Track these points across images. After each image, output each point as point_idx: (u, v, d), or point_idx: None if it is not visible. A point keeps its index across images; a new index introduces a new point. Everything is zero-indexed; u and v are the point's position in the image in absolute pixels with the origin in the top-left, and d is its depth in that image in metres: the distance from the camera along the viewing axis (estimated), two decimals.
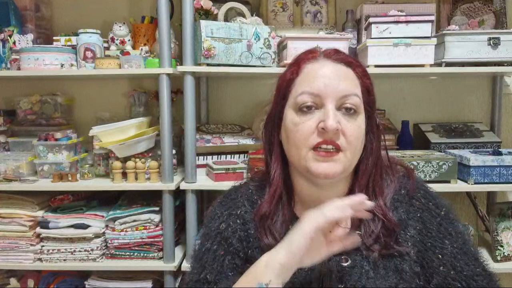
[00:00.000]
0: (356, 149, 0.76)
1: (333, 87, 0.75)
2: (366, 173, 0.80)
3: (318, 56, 0.80)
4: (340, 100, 0.75)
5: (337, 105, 0.75)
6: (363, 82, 0.80)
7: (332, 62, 0.78)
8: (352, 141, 0.75)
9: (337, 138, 0.74)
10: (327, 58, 0.79)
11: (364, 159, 0.80)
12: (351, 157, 0.76)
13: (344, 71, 0.78)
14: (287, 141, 0.79)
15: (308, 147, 0.75)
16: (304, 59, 0.80)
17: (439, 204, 0.83)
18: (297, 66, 0.80)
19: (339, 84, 0.75)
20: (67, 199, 1.71)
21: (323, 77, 0.76)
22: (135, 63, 1.62)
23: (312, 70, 0.78)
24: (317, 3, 1.91)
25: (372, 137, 0.81)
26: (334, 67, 0.78)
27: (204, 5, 1.64)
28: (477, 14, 1.88)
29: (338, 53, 0.80)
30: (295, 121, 0.77)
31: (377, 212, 0.79)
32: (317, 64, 0.78)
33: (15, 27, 1.76)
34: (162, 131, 1.59)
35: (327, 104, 0.74)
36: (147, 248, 1.64)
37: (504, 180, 1.57)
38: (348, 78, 0.78)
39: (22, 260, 1.63)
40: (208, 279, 0.81)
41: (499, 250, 1.68)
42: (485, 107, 2.01)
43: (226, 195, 0.91)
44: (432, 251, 0.79)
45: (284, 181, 0.83)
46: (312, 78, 0.77)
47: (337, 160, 0.74)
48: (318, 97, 0.75)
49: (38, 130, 1.80)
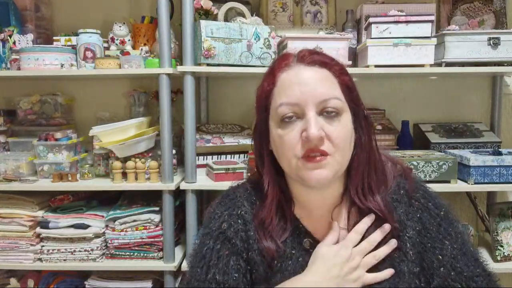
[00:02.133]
0: (344, 150, 0.75)
1: (310, 93, 0.73)
2: (359, 170, 0.80)
3: (291, 63, 0.77)
4: (320, 105, 0.73)
5: (318, 110, 0.74)
6: (342, 80, 0.77)
7: (306, 66, 0.76)
8: (338, 144, 0.74)
9: (321, 144, 0.73)
10: (301, 63, 0.77)
11: (355, 157, 0.80)
12: (341, 159, 0.75)
13: (320, 73, 0.76)
14: (276, 152, 0.79)
15: (296, 157, 0.74)
16: (278, 68, 0.78)
17: (439, 204, 0.83)
18: (273, 76, 0.78)
19: (316, 88, 0.74)
20: (67, 199, 1.71)
21: (299, 84, 0.74)
22: (135, 63, 1.62)
23: (287, 79, 0.76)
24: (317, 3, 1.91)
25: (361, 132, 0.80)
26: (309, 71, 0.76)
27: (204, 5, 1.64)
28: (477, 14, 1.88)
29: (311, 54, 0.78)
30: (280, 134, 0.76)
31: (374, 207, 0.79)
32: (291, 71, 0.76)
33: (15, 27, 1.76)
34: (162, 131, 1.59)
35: (308, 111, 0.73)
36: (147, 248, 1.64)
37: (504, 180, 1.57)
38: (325, 80, 0.75)
39: (22, 260, 1.63)
40: (217, 279, 0.78)
41: (499, 250, 1.68)
42: (485, 107, 2.01)
43: (225, 196, 0.90)
44: (431, 252, 0.78)
45: (281, 188, 0.83)
46: (288, 88, 0.75)
47: (326, 165, 0.73)
48: (297, 106, 0.74)
49: (38, 130, 1.80)
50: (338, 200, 0.82)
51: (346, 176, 0.82)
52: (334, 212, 0.81)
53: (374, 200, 0.79)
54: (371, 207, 0.79)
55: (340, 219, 0.82)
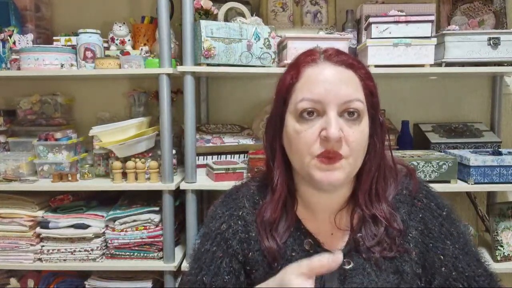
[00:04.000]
0: (359, 154, 0.74)
1: (334, 93, 0.72)
2: (369, 176, 0.79)
3: (318, 59, 0.76)
4: (342, 106, 0.72)
5: (339, 110, 0.72)
6: (366, 85, 0.77)
7: (333, 65, 0.75)
8: (354, 147, 0.72)
9: (339, 146, 0.71)
10: (328, 61, 0.75)
11: (367, 162, 0.78)
12: (354, 163, 0.74)
13: (346, 74, 0.74)
14: (289, 148, 0.77)
15: (311, 155, 0.73)
16: (304, 62, 0.76)
17: (441, 205, 0.83)
18: (297, 70, 0.76)
19: (341, 89, 0.72)
20: (67, 199, 1.71)
21: (324, 82, 0.72)
22: (135, 63, 1.62)
23: (312, 75, 0.74)
24: (317, 3, 1.91)
25: (376, 139, 0.79)
26: (335, 70, 0.74)
27: (204, 5, 1.64)
28: (477, 14, 1.88)
29: (339, 54, 0.76)
30: (297, 129, 0.74)
31: (379, 215, 0.78)
32: (317, 68, 0.75)
33: (15, 27, 1.76)
34: (162, 131, 1.59)
35: (329, 111, 0.71)
36: (147, 248, 1.64)
37: (504, 180, 1.57)
38: (350, 82, 0.74)
39: (22, 260, 1.63)
40: (204, 281, 0.80)
41: (499, 250, 1.68)
42: (485, 107, 2.01)
43: (228, 195, 0.90)
44: (434, 251, 0.78)
45: (288, 186, 0.82)
46: (312, 84, 0.73)
47: (339, 168, 0.72)
48: (319, 104, 0.72)
49: (38, 130, 1.80)
50: (343, 204, 0.81)
51: (354, 181, 0.81)
52: (337, 215, 0.81)
53: (379, 207, 0.79)
54: (376, 214, 0.78)
55: (342, 221, 0.81)
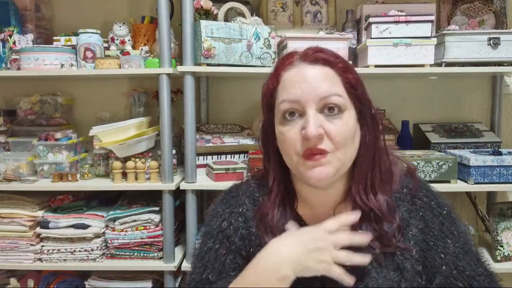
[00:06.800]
0: (346, 148, 0.75)
1: (311, 91, 0.74)
2: (363, 169, 0.79)
3: (294, 61, 0.78)
4: (321, 102, 0.74)
5: (318, 107, 0.74)
6: (345, 78, 0.77)
7: (308, 64, 0.77)
8: (339, 141, 0.74)
9: (320, 143, 0.73)
10: (303, 61, 0.77)
11: (361, 155, 0.79)
12: (343, 156, 0.75)
13: (322, 71, 0.76)
14: (281, 149, 0.80)
15: (297, 155, 0.75)
16: (282, 66, 0.79)
17: (441, 203, 0.83)
18: (277, 74, 0.79)
19: (317, 86, 0.74)
20: (67, 199, 1.71)
21: (300, 82, 0.75)
22: (135, 63, 1.62)
23: (289, 77, 0.77)
24: (317, 3, 1.91)
25: (367, 131, 0.79)
26: (311, 69, 0.76)
27: (204, 5, 1.64)
28: (477, 14, 1.88)
29: (315, 52, 0.78)
30: (281, 130, 0.77)
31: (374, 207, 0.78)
32: (294, 69, 0.77)
33: (15, 27, 1.76)
34: (162, 131, 1.59)
35: (308, 109, 0.74)
36: (147, 248, 1.64)
37: (504, 180, 1.57)
38: (327, 78, 0.76)
39: (22, 260, 1.63)
40: (210, 279, 0.81)
41: (499, 250, 1.68)
42: (485, 107, 2.01)
43: (227, 193, 0.91)
44: (434, 250, 0.79)
45: (285, 185, 0.84)
46: (289, 85, 0.76)
47: (326, 163, 0.73)
48: (297, 103, 0.74)
49: (38, 130, 1.80)
50: (342, 198, 0.82)
51: (350, 174, 0.81)
52: (337, 210, 0.81)
53: (375, 200, 0.79)
54: (372, 206, 0.78)
55: None
